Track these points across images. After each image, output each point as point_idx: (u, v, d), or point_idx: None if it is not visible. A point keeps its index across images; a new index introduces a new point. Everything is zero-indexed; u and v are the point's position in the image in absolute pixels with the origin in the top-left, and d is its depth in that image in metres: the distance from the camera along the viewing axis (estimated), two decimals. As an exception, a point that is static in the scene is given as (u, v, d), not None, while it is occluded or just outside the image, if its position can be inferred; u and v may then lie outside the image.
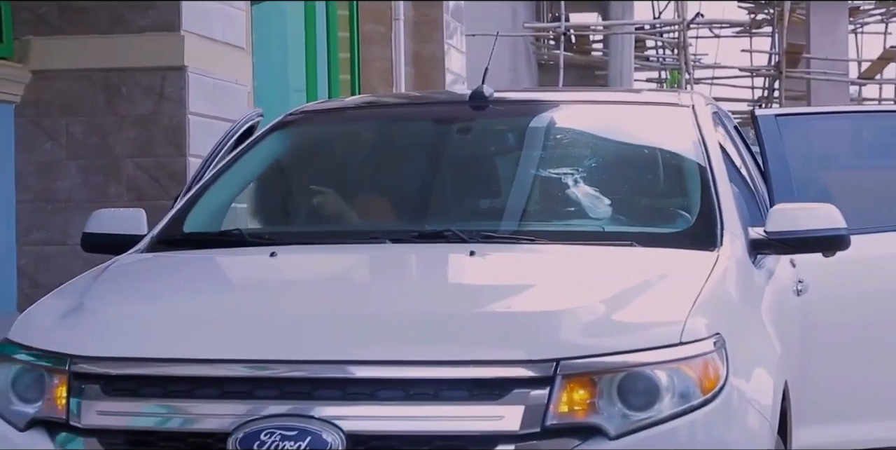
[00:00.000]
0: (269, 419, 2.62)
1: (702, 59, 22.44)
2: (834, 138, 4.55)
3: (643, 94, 4.45)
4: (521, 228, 3.39)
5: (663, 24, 19.46)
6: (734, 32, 21.76)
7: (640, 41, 21.01)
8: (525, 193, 3.65)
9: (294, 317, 2.81)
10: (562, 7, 18.18)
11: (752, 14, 21.50)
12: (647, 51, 22.01)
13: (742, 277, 3.25)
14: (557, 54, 17.43)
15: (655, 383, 2.69)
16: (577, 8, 21.30)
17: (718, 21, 20.31)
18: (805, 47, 19.05)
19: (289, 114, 4.07)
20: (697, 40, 21.95)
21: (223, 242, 3.42)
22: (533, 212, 3.55)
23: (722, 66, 21.59)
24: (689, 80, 17.48)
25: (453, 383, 2.65)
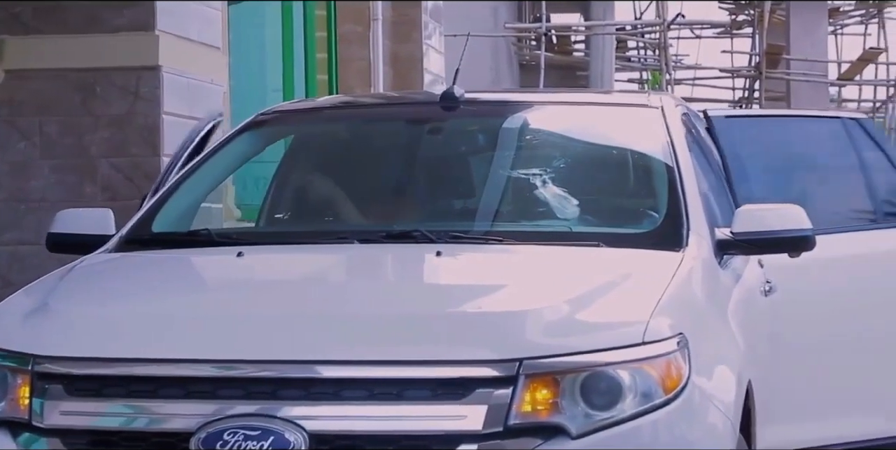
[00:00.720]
0: (232, 419, 2.63)
1: (683, 59, 22.51)
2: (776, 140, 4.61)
3: (613, 96, 4.48)
4: (489, 229, 3.41)
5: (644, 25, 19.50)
6: (715, 33, 21.82)
7: (621, 42, 21.05)
8: (494, 193, 3.67)
9: (258, 317, 2.83)
10: (543, 8, 18.20)
11: (733, 15, 21.58)
12: (629, 51, 22.06)
13: (707, 278, 3.27)
14: (539, 55, 17.46)
15: (618, 383, 2.71)
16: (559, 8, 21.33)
17: (699, 22, 20.38)
18: (785, 48, 19.12)
19: (260, 113, 4.08)
20: (679, 41, 22.03)
21: (192, 243, 3.42)
22: (502, 212, 3.57)
23: (702, 66, 21.66)
24: (669, 81, 17.52)
25: (417, 382, 2.67)
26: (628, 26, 19.96)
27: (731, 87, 22.42)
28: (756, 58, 19.55)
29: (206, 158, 3.84)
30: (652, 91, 14.63)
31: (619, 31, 19.22)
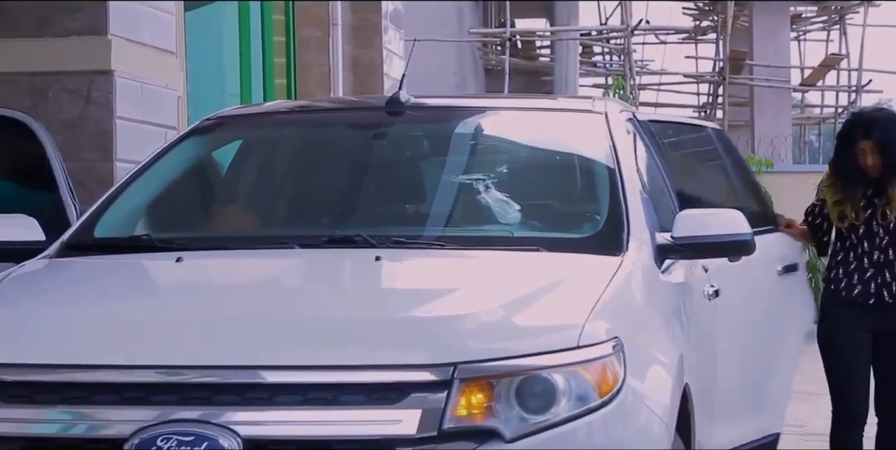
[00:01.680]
0: (166, 425, 2.63)
1: (648, 65, 22.64)
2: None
3: (558, 101, 4.52)
4: (431, 234, 3.42)
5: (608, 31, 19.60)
6: (680, 39, 21.98)
7: (587, 47, 21.16)
8: (437, 198, 3.68)
9: (192, 323, 2.83)
10: (507, 13, 18.26)
11: (697, 21, 21.72)
12: (595, 57, 22.17)
13: (646, 282, 3.30)
14: (504, 60, 17.51)
15: (552, 387, 2.73)
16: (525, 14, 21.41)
17: (663, 28, 20.51)
18: (748, 54, 19.27)
19: (205, 119, 4.08)
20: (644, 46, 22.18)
21: (133, 248, 3.42)
22: (444, 217, 3.59)
23: (666, 72, 21.78)
24: (633, 86, 17.61)
25: (351, 387, 2.68)
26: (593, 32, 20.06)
27: (696, 92, 22.59)
28: (720, 63, 19.69)
29: (149, 163, 3.83)
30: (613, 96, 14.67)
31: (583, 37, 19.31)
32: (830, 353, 4.68)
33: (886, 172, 4.53)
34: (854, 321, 4.61)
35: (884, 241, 4.59)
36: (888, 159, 4.50)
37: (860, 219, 4.59)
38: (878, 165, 4.54)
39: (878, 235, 4.59)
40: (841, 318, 4.64)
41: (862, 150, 4.54)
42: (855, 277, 4.61)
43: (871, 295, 4.60)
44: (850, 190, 4.59)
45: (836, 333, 4.64)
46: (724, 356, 4.27)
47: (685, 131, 4.91)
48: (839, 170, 4.63)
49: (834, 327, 4.66)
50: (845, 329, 4.62)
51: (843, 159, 4.61)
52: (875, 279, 4.59)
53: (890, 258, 4.59)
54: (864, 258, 4.60)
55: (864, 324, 4.61)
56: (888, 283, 4.59)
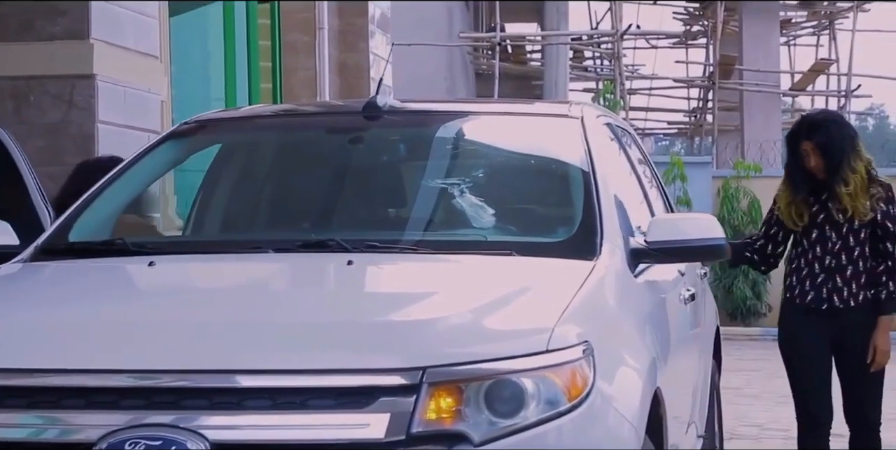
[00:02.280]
0: (134, 429, 2.63)
1: (639, 69, 22.69)
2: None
3: (535, 106, 4.51)
4: (404, 238, 3.42)
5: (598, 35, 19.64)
6: (670, 43, 22.04)
7: (577, 52, 21.21)
8: (412, 203, 3.69)
9: (161, 327, 2.83)
10: (497, 17, 18.29)
11: (688, 25, 21.78)
12: (585, 61, 22.22)
13: (618, 286, 3.30)
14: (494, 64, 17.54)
15: (521, 391, 2.72)
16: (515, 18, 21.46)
17: (653, 32, 20.56)
18: (738, 59, 19.32)
19: (183, 123, 4.08)
20: (635, 51, 22.24)
21: (107, 252, 3.42)
22: (418, 222, 3.59)
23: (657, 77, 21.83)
24: (623, 91, 17.64)
25: (320, 391, 2.67)
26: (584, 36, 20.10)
27: (686, 96, 22.65)
28: (710, 68, 19.74)
29: (126, 166, 3.83)
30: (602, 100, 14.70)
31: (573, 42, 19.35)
32: (789, 361, 4.70)
33: (828, 172, 4.55)
34: (810, 329, 4.62)
35: (836, 245, 4.60)
36: (829, 160, 4.53)
37: (804, 220, 4.60)
38: (821, 166, 4.56)
39: (831, 240, 4.60)
40: (797, 325, 4.65)
41: (805, 151, 4.58)
42: (807, 283, 4.62)
43: (823, 300, 4.60)
44: (796, 190, 4.62)
45: (793, 341, 4.67)
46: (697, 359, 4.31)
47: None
48: (788, 172, 4.68)
49: (791, 335, 4.68)
50: (802, 337, 4.64)
51: (791, 161, 4.66)
52: (826, 284, 4.60)
53: (842, 263, 4.59)
54: (816, 263, 4.61)
55: (821, 331, 4.62)
56: (839, 288, 4.59)
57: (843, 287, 4.57)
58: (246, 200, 3.91)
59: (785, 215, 4.64)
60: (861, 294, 4.58)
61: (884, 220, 4.57)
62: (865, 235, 4.58)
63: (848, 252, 4.58)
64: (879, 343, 4.57)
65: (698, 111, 21.69)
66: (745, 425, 7.69)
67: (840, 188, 4.53)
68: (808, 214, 4.60)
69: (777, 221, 4.72)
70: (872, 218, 4.57)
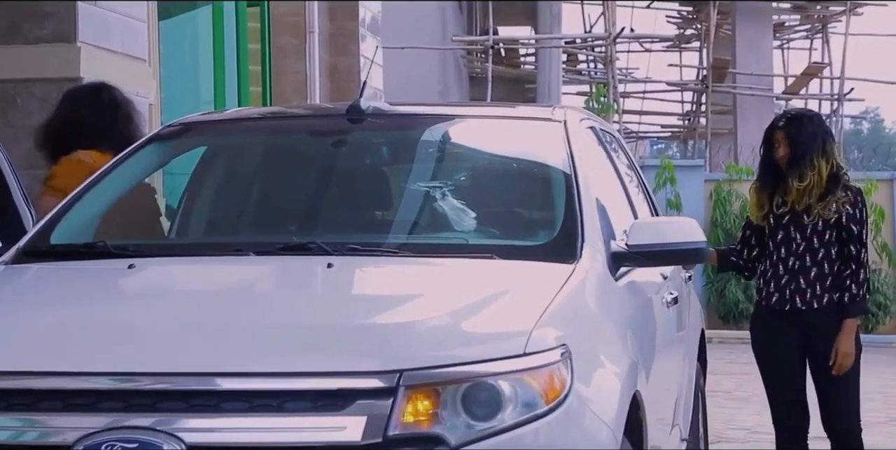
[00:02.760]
0: (111, 432, 2.63)
1: (633, 73, 22.72)
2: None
3: (518, 109, 4.51)
4: (386, 241, 3.43)
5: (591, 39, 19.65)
6: (664, 47, 22.07)
7: (572, 55, 21.23)
8: (395, 206, 3.70)
9: (139, 329, 2.83)
10: (490, 21, 18.31)
11: (681, 29, 21.80)
12: (580, 65, 22.24)
13: (598, 290, 3.31)
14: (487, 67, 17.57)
15: (498, 393, 2.73)
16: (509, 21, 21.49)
17: (646, 36, 20.59)
18: (731, 62, 19.34)
19: (167, 125, 4.09)
20: (629, 54, 22.27)
21: (88, 254, 3.42)
22: (400, 225, 3.60)
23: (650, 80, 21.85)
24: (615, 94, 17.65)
25: (297, 394, 2.68)
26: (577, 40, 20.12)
27: (680, 100, 22.68)
28: (703, 71, 19.77)
29: (110, 169, 3.84)
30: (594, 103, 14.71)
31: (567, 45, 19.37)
32: (762, 364, 4.70)
33: (790, 162, 4.56)
34: (779, 332, 4.62)
35: (800, 246, 4.59)
36: (792, 151, 4.55)
37: (763, 210, 4.61)
38: (786, 158, 4.57)
39: (795, 241, 4.60)
40: (766, 329, 4.66)
41: (776, 140, 4.60)
42: (772, 284, 4.63)
43: (786, 302, 4.60)
44: (760, 179, 4.65)
45: (761, 344, 4.68)
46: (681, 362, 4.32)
47: None
48: (759, 165, 4.71)
49: (760, 339, 4.69)
50: (771, 341, 4.64)
51: (764, 151, 4.68)
52: (789, 285, 4.59)
53: (806, 264, 4.58)
54: (780, 265, 4.61)
55: (789, 334, 4.61)
56: (802, 289, 4.58)
57: (807, 288, 4.56)
58: (229, 202, 3.91)
59: (752, 211, 4.67)
60: (826, 296, 4.58)
61: (848, 222, 4.58)
62: (830, 237, 4.58)
63: (812, 253, 4.58)
64: (842, 346, 4.56)
65: (692, 114, 21.71)
66: (734, 428, 7.70)
67: (793, 182, 4.55)
68: (769, 207, 4.61)
69: (749, 224, 4.74)
70: (837, 220, 4.57)
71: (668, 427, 4.04)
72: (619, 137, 4.89)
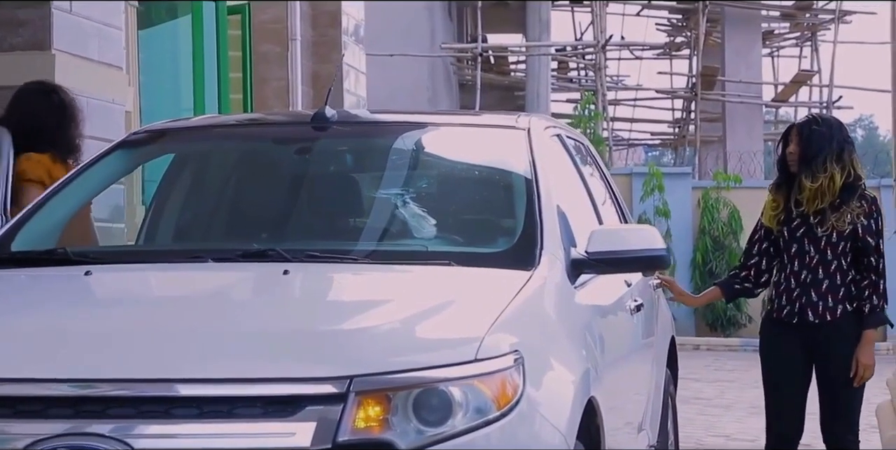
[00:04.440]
0: (60, 438, 2.64)
1: (624, 80, 22.76)
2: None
3: (483, 117, 4.53)
4: (345, 248, 3.44)
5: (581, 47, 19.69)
6: (655, 55, 22.11)
7: (563, 63, 21.27)
8: (355, 213, 3.71)
9: (89, 336, 2.84)
10: (479, 28, 18.34)
11: (671, 37, 21.85)
12: (570, 72, 22.28)
13: (555, 296, 3.32)
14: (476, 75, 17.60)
15: (449, 399, 2.74)
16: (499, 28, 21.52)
17: (635, 43, 20.63)
18: (719, 70, 19.38)
19: (132, 133, 4.10)
20: (620, 62, 22.32)
21: (48, 261, 3.43)
22: (361, 232, 3.61)
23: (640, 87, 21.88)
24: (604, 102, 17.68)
25: (247, 400, 2.69)
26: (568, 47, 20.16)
27: (671, 107, 22.72)
28: (693, 79, 19.81)
29: (74, 176, 3.85)
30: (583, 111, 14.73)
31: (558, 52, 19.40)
32: (764, 375, 4.69)
33: (800, 162, 4.55)
34: (786, 344, 4.60)
35: (813, 259, 4.56)
36: (804, 150, 4.53)
37: (778, 209, 4.59)
38: (796, 155, 4.55)
39: (809, 254, 4.57)
40: (772, 340, 4.65)
41: (791, 138, 4.59)
42: (784, 297, 4.59)
43: (794, 315, 4.56)
44: (778, 184, 4.63)
45: (768, 355, 4.66)
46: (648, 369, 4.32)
47: None
48: (778, 168, 4.70)
49: (766, 350, 4.68)
50: (776, 352, 4.62)
51: (781, 152, 4.65)
52: (800, 299, 4.55)
53: (818, 277, 4.55)
54: (792, 278, 4.57)
55: (797, 346, 4.59)
56: (813, 302, 4.54)
57: (819, 301, 4.52)
58: (193, 209, 3.92)
59: (767, 218, 4.63)
60: (839, 308, 4.52)
61: (864, 234, 4.53)
62: (844, 248, 4.54)
63: (825, 266, 4.53)
64: (863, 358, 4.54)
65: (682, 122, 21.75)
66: (713, 435, 7.71)
67: (805, 181, 4.51)
68: (785, 219, 4.58)
69: (756, 234, 4.69)
70: (853, 231, 4.53)
71: (632, 433, 4.05)
72: (589, 145, 4.90)
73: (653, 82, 23.47)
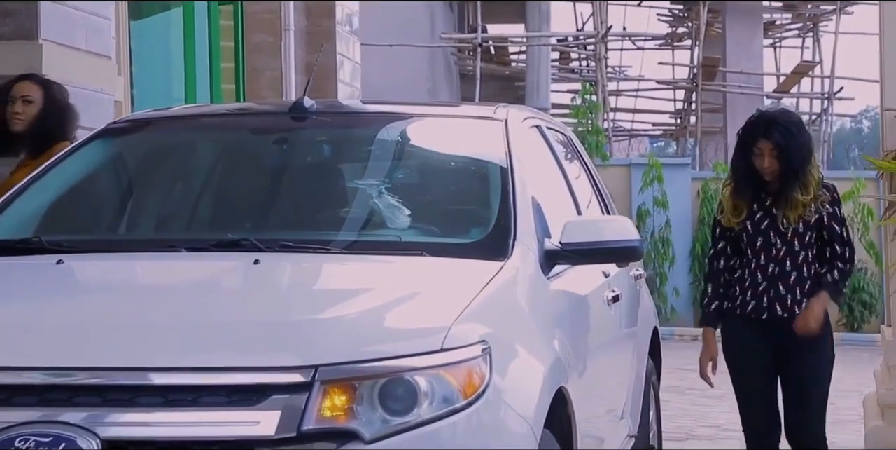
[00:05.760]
0: (25, 426, 2.66)
1: (626, 71, 22.72)
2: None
3: (461, 108, 4.54)
4: (318, 238, 3.45)
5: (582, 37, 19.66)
6: (657, 45, 22.06)
7: (565, 53, 21.24)
8: (331, 204, 3.72)
9: (54, 324, 2.86)
10: (479, 18, 18.31)
11: (673, 27, 21.81)
12: (572, 63, 22.24)
13: (526, 287, 3.33)
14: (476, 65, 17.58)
15: (414, 389, 2.76)
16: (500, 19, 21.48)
17: (637, 34, 20.59)
18: (720, 61, 19.35)
19: (113, 122, 4.11)
20: (622, 53, 22.27)
21: (22, 250, 3.44)
22: (335, 222, 3.62)
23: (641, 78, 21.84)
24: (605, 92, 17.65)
25: (212, 389, 2.71)
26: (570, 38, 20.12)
27: (672, 98, 22.67)
28: (695, 70, 19.77)
29: (52, 165, 3.86)
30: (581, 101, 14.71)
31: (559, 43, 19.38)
32: (732, 373, 4.54)
33: (786, 176, 4.37)
34: (751, 340, 4.41)
35: (780, 252, 4.40)
36: (787, 164, 4.35)
37: (742, 216, 4.42)
38: (774, 169, 4.37)
39: (776, 246, 4.41)
40: (737, 337, 4.47)
41: (759, 149, 4.34)
42: (749, 292, 4.42)
43: (763, 310, 4.41)
44: (739, 191, 4.42)
45: (734, 353, 4.47)
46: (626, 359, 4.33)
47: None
48: (734, 171, 4.49)
49: (731, 348, 4.48)
50: (742, 349, 4.45)
51: (740, 159, 4.44)
52: (767, 293, 4.40)
53: (786, 269, 4.40)
54: (758, 272, 4.41)
55: (763, 342, 4.41)
56: (782, 296, 4.40)
57: (787, 294, 4.39)
58: (170, 198, 3.93)
59: (726, 216, 4.45)
60: (804, 301, 4.39)
61: (830, 221, 4.43)
62: (811, 239, 4.42)
63: (793, 257, 4.40)
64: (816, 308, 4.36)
65: (683, 113, 21.72)
66: (704, 425, 7.72)
67: (798, 195, 4.36)
68: (748, 214, 4.41)
69: (722, 234, 4.50)
70: (818, 220, 4.42)
71: (610, 422, 4.06)
72: (573, 136, 4.90)
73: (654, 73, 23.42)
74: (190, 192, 3.92)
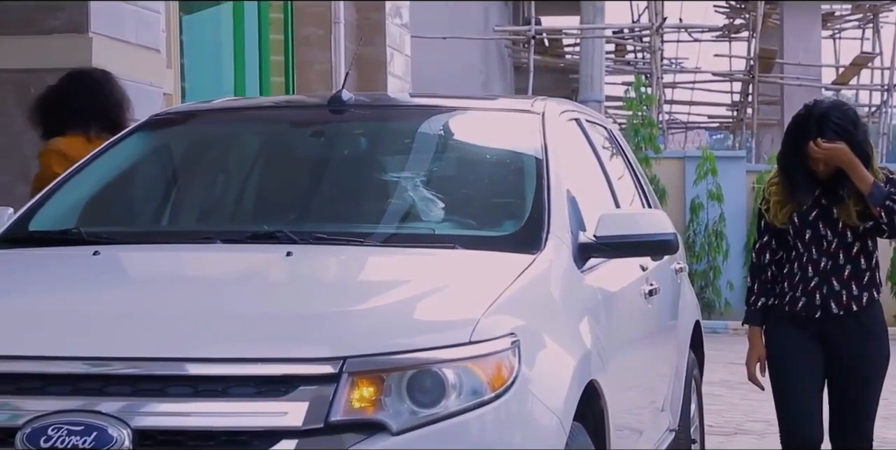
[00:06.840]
0: (58, 415, 2.70)
1: (682, 63, 22.54)
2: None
3: (499, 102, 4.53)
4: (352, 230, 3.47)
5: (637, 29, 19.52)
6: (713, 37, 21.86)
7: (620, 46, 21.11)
8: (365, 196, 3.74)
9: (88, 314, 2.90)
10: (532, 10, 18.25)
11: (730, 19, 21.59)
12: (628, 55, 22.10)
13: (558, 280, 3.32)
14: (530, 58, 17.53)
15: (442, 381, 2.77)
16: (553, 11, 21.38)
17: (692, 25, 20.39)
18: (777, 53, 19.13)
19: (154, 115, 4.16)
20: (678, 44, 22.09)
21: (62, 241, 3.50)
22: (369, 214, 3.64)
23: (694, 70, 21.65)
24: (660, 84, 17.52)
25: (241, 379, 2.73)
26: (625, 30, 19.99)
27: (729, 90, 22.46)
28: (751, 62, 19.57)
29: (94, 157, 3.92)
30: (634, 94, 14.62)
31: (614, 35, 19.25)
32: (774, 374, 4.21)
33: (845, 181, 4.02)
34: (799, 340, 4.12)
35: (832, 244, 4.10)
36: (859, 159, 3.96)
37: (787, 216, 4.11)
38: (831, 172, 4.03)
39: (826, 238, 4.10)
40: (784, 336, 4.15)
41: (814, 151, 3.99)
42: (799, 288, 4.12)
43: (816, 308, 4.12)
44: (799, 195, 4.09)
45: (780, 353, 4.15)
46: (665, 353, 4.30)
47: None
48: (788, 172, 4.13)
49: (777, 348, 4.16)
50: (789, 349, 4.13)
51: (791, 160, 4.11)
52: (820, 289, 4.10)
53: (840, 263, 4.09)
54: (810, 267, 4.10)
55: (812, 342, 4.12)
56: (836, 292, 4.10)
57: (842, 290, 4.08)
58: (209, 191, 3.98)
59: (776, 214, 4.13)
60: (865, 295, 4.09)
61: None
62: (864, 229, 4.06)
63: (846, 249, 4.08)
64: (846, 150, 3.93)
65: (740, 105, 21.51)
66: (753, 420, 7.65)
67: (850, 203, 3.99)
68: (795, 210, 4.10)
69: (767, 229, 4.18)
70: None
71: (648, 417, 4.04)
72: (614, 129, 4.88)
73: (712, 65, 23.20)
74: (227, 184, 3.96)
